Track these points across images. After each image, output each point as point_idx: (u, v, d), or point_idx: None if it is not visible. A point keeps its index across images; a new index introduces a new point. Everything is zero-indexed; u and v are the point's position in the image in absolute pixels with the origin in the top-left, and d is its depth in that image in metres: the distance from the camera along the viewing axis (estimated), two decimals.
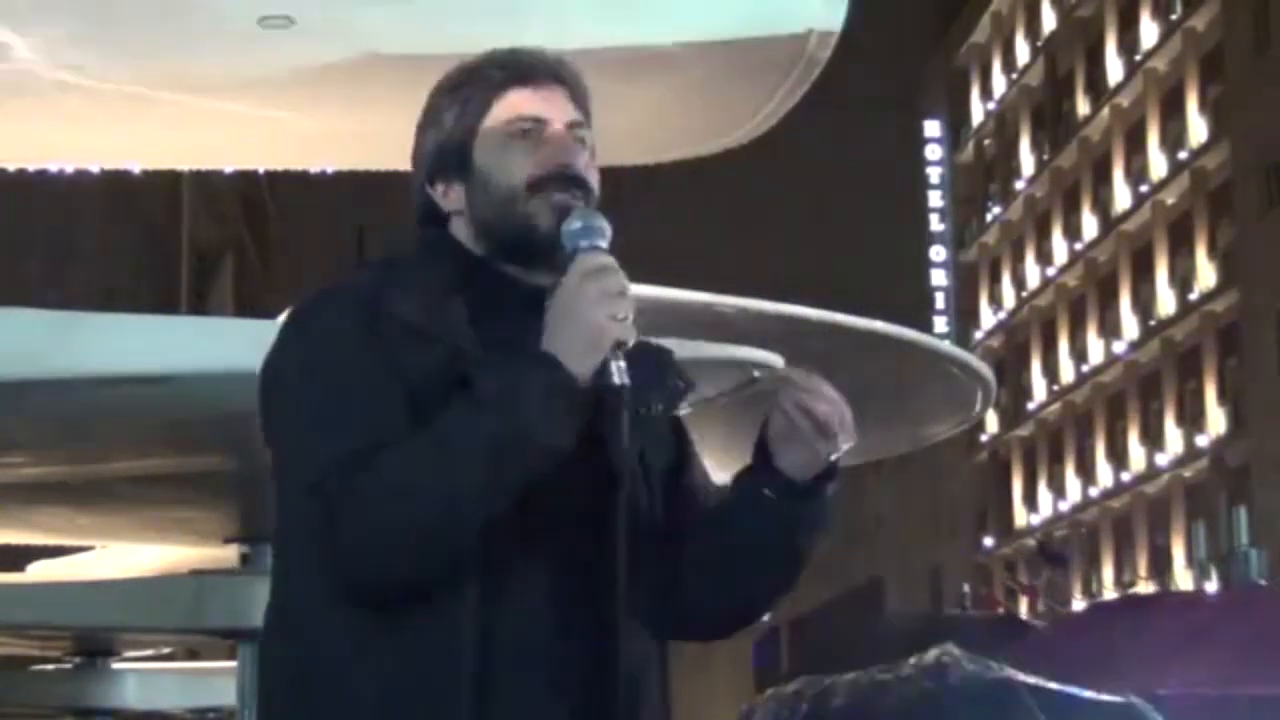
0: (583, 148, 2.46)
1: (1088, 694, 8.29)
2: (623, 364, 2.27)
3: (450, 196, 2.47)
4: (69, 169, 11.92)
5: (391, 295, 2.35)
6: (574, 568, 2.30)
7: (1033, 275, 59.32)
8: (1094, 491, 52.84)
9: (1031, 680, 8.30)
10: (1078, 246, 55.07)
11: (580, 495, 2.29)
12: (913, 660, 8.47)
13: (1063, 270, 56.12)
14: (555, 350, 2.25)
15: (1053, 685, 8.33)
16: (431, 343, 2.30)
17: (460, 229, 2.47)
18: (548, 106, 2.46)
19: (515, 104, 2.46)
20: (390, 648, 2.26)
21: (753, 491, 2.40)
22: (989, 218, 64.15)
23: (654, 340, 2.53)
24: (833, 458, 2.38)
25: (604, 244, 2.34)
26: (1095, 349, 53.41)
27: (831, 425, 2.35)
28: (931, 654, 8.41)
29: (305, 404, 2.32)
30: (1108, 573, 51.34)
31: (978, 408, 10.94)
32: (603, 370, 2.26)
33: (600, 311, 2.27)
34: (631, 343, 2.28)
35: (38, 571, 12.59)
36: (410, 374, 2.29)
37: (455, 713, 2.23)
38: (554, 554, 2.30)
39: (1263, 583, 35.32)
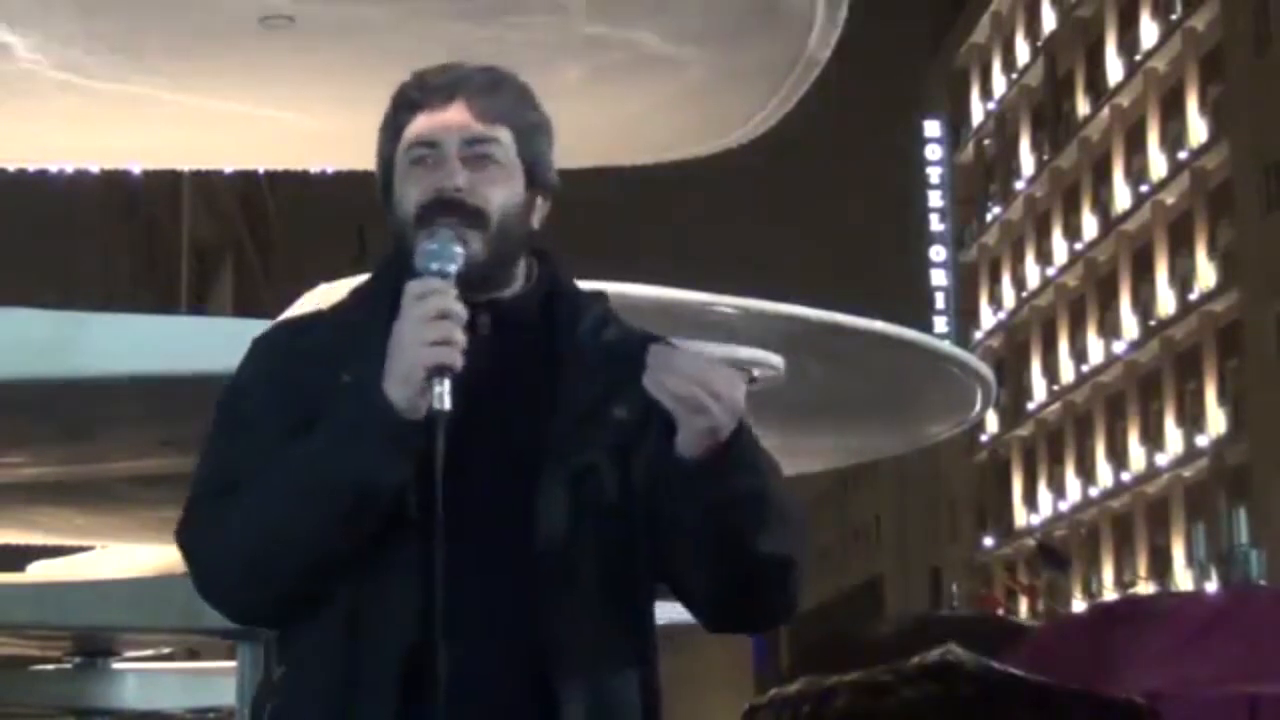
0: (485, 163, 2.42)
1: (1090, 694, 8.28)
2: (444, 389, 2.24)
3: (389, 220, 2.50)
4: (69, 169, 11.92)
5: (320, 324, 2.42)
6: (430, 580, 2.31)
7: (1033, 275, 59.29)
8: (1094, 491, 52.80)
9: (1034, 679, 8.28)
10: (1078, 246, 55.04)
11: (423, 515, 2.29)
12: (915, 660, 8.44)
13: (1063, 270, 56.09)
14: (385, 380, 2.27)
15: (1055, 685, 8.32)
16: (339, 370, 2.34)
17: None
18: (442, 128, 2.42)
19: (414, 129, 2.43)
20: (288, 655, 2.39)
21: (666, 480, 2.34)
22: (989, 218, 64.11)
23: (663, 337, 2.49)
24: (713, 431, 2.25)
25: (453, 268, 2.32)
26: (1095, 349, 53.38)
27: (694, 399, 2.24)
28: (935, 653, 8.38)
29: (205, 441, 2.43)
30: (1108, 573, 51.29)
31: (978, 408, 10.96)
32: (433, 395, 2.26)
33: (414, 337, 2.26)
34: (457, 366, 2.26)
35: (38, 571, 12.60)
36: (319, 405, 2.32)
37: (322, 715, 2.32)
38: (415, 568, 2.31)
39: (1263, 583, 35.32)
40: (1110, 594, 47.28)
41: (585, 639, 2.33)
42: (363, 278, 2.60)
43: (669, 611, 2.49)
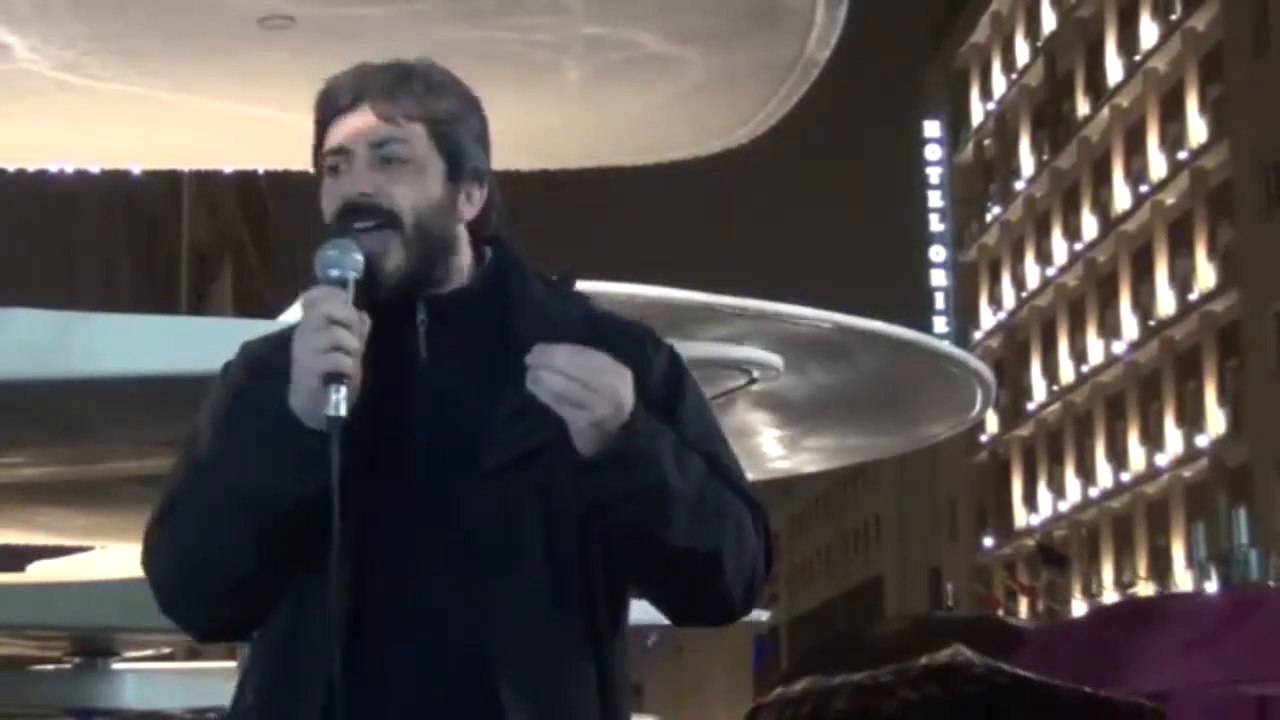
0: (392, 164, 2.40)
1: (1098, 696, 8.27)
2: (339, 395, 2.24)
3: None
4: (69, 169, 11.91)
5: (280, 341, 2.37)
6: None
7: (1032, 275, 59.32)
8: (1094, 492, 52.82)
9: (1040, 680, 8.27)
10: (1077, 247, 55.06)
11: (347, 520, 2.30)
12: (924, 660, 8.41)
13: (1062, 270, 56.11)
14: (290, 392, 2.27)
15: (1062, 686, 8.31)
16: (273, 376, 2.33)
17: None
18: (352, 134, 2.41)
19: (327, 138, 2.43)
20: (253, 660, 2.42)
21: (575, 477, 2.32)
22: (989, 218, 64.14)
23: (637, 321, 2.49)
24: (596, 424, 2.24)
25: (353, 274, 2.31)
26: (1095, 349, 53.39)
27: (571, 394, 2.22)
28: (944, 654, 8.35)
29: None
30: (1108, 573, 51.32)
31: (977, 408, 10.96)
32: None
33: (303, 346, 2.26)
34: (349, 372, 2.24)
35: (38, 571, 12.60)
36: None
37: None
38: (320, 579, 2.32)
39: (1271, 584, 35.30)
40: (1110, 594, 47.30)
41: (532, 634, 2.30)
42: None
43: None
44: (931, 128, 68.35)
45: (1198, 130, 47.16)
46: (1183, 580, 45.24)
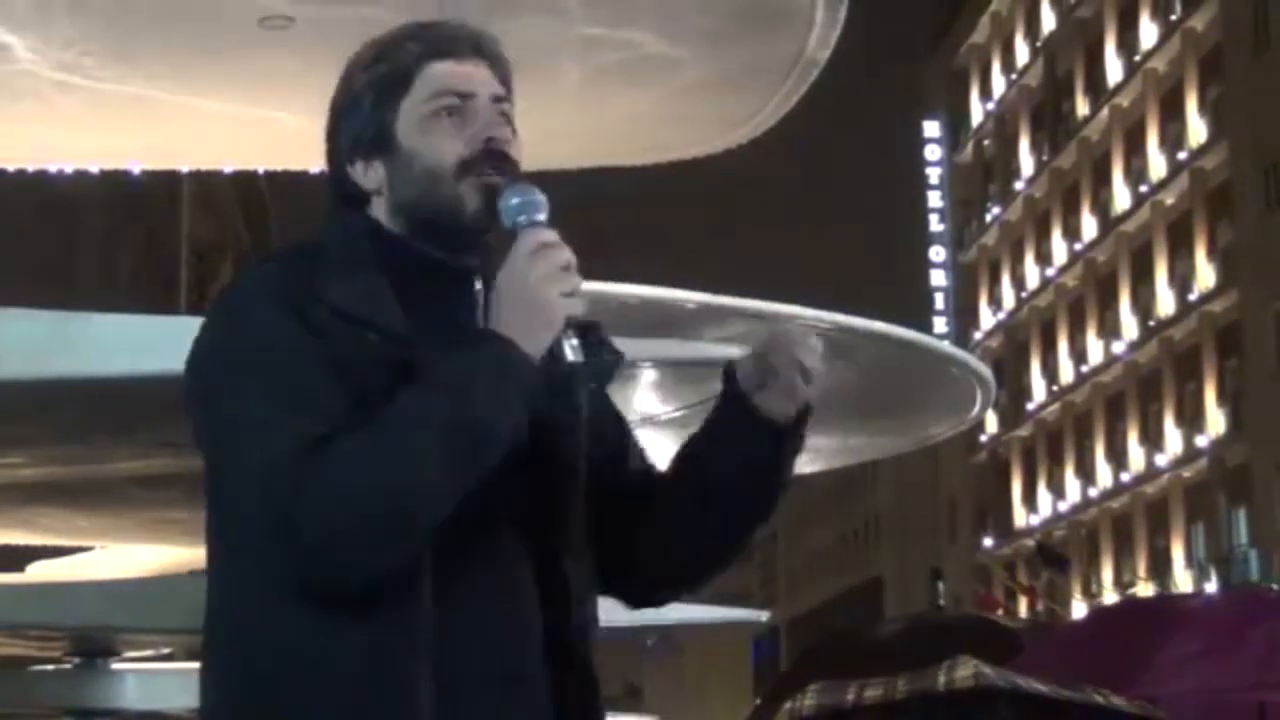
0: (507, 122, 2.39)
1: (1112, 703, 8.27)
2: (575, 341, 2.23)
3: (370, 176, 2.37)
4: (69, 169, 11.91)
5: (322, 282, 2.26)
6: (526, 546, 2.30)
7: (1032, 275, 59.30)
8: (1093, 492, 52.80)
9: (1055, 694, 8.25)
10: (1077, 247, 55.05)
11: (535, 476, 2.30)
12: (942, 679, 8.39)
13: (1062, 270, 56.10)
14: (508, 331, 2.20)
15: (1073, 697, 8.30)
16: (365, 329, 2.23)
17: (379, 209, 2.38)
18: (470, 80, 2.38)
19: (438, 78, 2.37)
20: (351, 643, 2.18)
21: (739, 439, 2.39)
22: (988, 218, 64.11)
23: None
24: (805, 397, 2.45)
25: (543, 218, 2.27)
26: (1095, 349, 53.38)
27: (814, 370, 2.44)
28: (964, 674, 8.30)
29: (244, 397, 2.19)
30: (1107, 573, 51.30)
31: (977, 408, 10.96)
32: (555, 348, 2.23)
33: (551, 289, 2.22)
34: (580, 316, 2.25)
35: (38, 571, 12.61)
36: (347, 362, 2.21)
37: (415, 702, 2.18)
38: (507, 534, 2.28)
39: (1275, 586, 35.30)
40: (1110, 594, 47.28)
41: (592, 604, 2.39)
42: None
43: (670, 612, 2.50)
44: (931, 128, 68.32)
45: (1197, 130, 47.16)
46: (1183, 581, 45.22)
